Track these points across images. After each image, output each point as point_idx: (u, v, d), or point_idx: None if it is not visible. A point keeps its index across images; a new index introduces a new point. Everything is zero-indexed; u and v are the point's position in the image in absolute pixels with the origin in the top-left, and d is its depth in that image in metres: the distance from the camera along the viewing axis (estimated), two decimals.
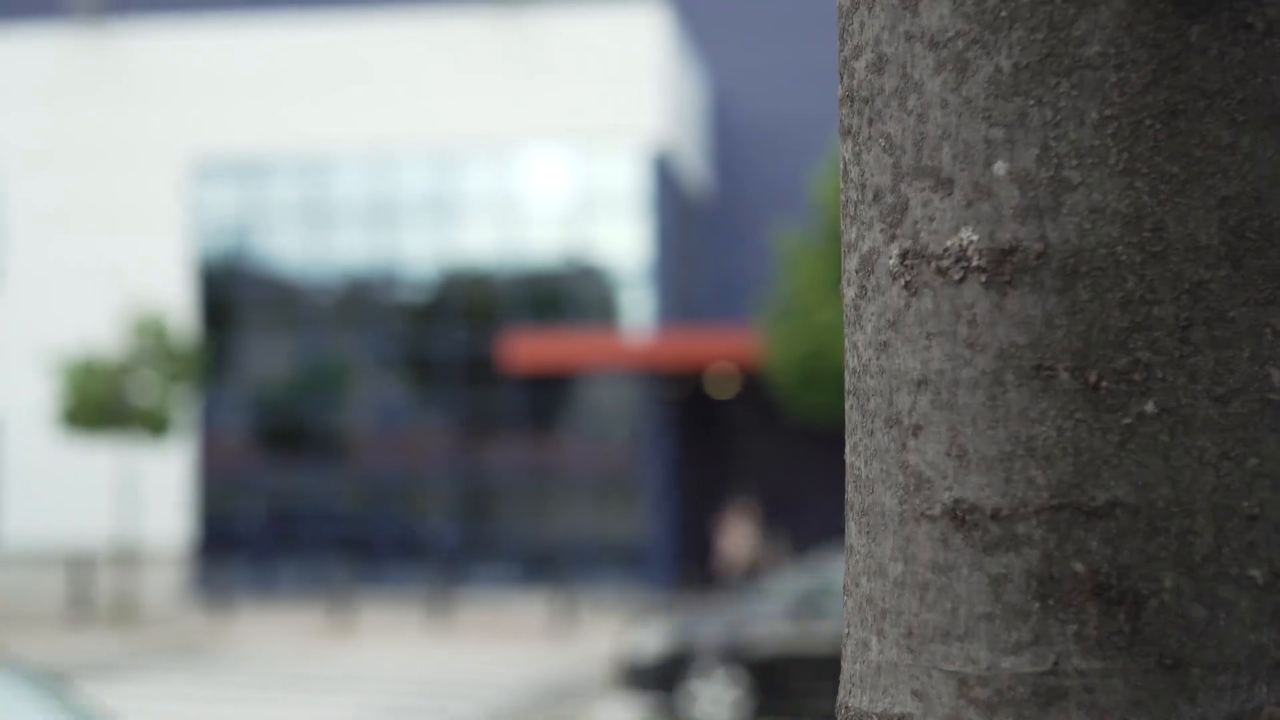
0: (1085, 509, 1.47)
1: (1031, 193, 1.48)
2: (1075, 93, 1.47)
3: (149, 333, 31.95)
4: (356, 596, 35.88)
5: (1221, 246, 1.47)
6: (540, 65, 36.41)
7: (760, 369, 32.79)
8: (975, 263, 1.49)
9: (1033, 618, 1.47)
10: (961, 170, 1.50)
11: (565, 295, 36.65)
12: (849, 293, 1.60)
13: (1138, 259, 1.47)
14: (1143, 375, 1.46)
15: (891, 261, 1.54)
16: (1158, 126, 1.47)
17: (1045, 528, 1.47)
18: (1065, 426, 1.47)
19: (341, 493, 36.95)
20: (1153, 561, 1.46)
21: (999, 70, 1.48)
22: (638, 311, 36.46)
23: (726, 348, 35.03)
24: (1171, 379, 1.47)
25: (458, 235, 36.67)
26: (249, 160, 37.38)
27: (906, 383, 1.53)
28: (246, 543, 36.94)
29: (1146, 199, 1.47)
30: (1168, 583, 1.46)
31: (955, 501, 1.49)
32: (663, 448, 35.85)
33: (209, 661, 24.45)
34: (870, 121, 1.56)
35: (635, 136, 35.95)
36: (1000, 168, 1.48)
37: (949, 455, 1.50)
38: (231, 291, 37.67)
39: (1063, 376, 1.47)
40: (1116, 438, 1.47)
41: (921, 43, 1.52)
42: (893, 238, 1.54)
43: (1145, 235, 1.47)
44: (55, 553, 36.94)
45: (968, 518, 1.49)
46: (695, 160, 40.80)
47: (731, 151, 43.00)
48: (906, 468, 1.52)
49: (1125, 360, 1.46)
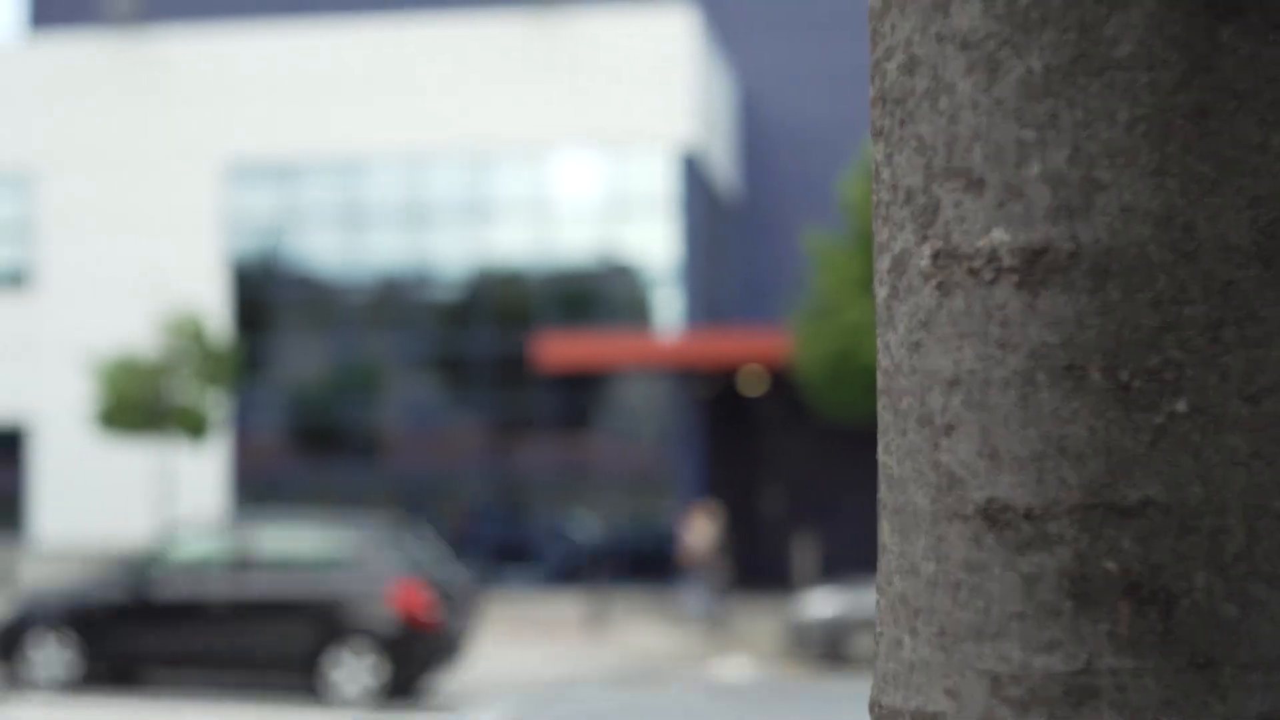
0: (1117, 508, 1.46)
1: (1063, 193, 1.47)
2: (1106, 93, 1.47)
3: (185, 333, 32.05)
4: None
5: (1252, 246, 1.46)
6: (572, 68, 36.43)
7: (790, 369, 32.77)
8: (1007, 263, 1.48)
9: (1065, 617, 1.46)
10: (993, 171, 1.49)
11: (596, 296, 36.67)
12: (881, 293, 1.60)
13: (1169, 259, 1.46)
14: (1174, 375, 1.46)
15: (923, 262, 1.54)
16: (1188, 126, 1.46)
17: (1077, 527, 1.46)
18: (1097, 426, 1.46)
19: (374, 492, 37.02)
20: (1185, 560, 1.46)
21: (1030, 71, 1.48)
22: (668, 312, 36.47)
23: (756, 347, 35.01)
24: (1203, 378, 1.46)
25: (490, 236, 36.72)
26: (284, 163, 37.48)
27: (939, 382, 1.52)
28: None
29: (1177, 199, 1.46)
30: (1200, 582, 1.45)
31: (988, 501, 1.49)
32: (693, 447, 35.85)
33: None
34: (902, 123, 1.56)
35: (665, 138, 35.95)
36: (1032, 168, 1.48)
37: (981, 455, 1.49)
38: (266, 293, 37.77)
39: (1094, 376, 1.46)
40: (1148, 437, 1.46)
41: (953, 44, 1.51)
42: (925, 238, 1.54)
43: (1176, 235, 1.46)
44: (90, 552, 37.08)
45: (1000, 517, 1.48)
46: (724, 161, 40.79)
47: (759, 153, 42.98)
48: (939, 467, 1.52)
49: (1157, 360, 1.46)
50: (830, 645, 23.89)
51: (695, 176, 36.21)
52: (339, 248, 37.36)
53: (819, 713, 19.25)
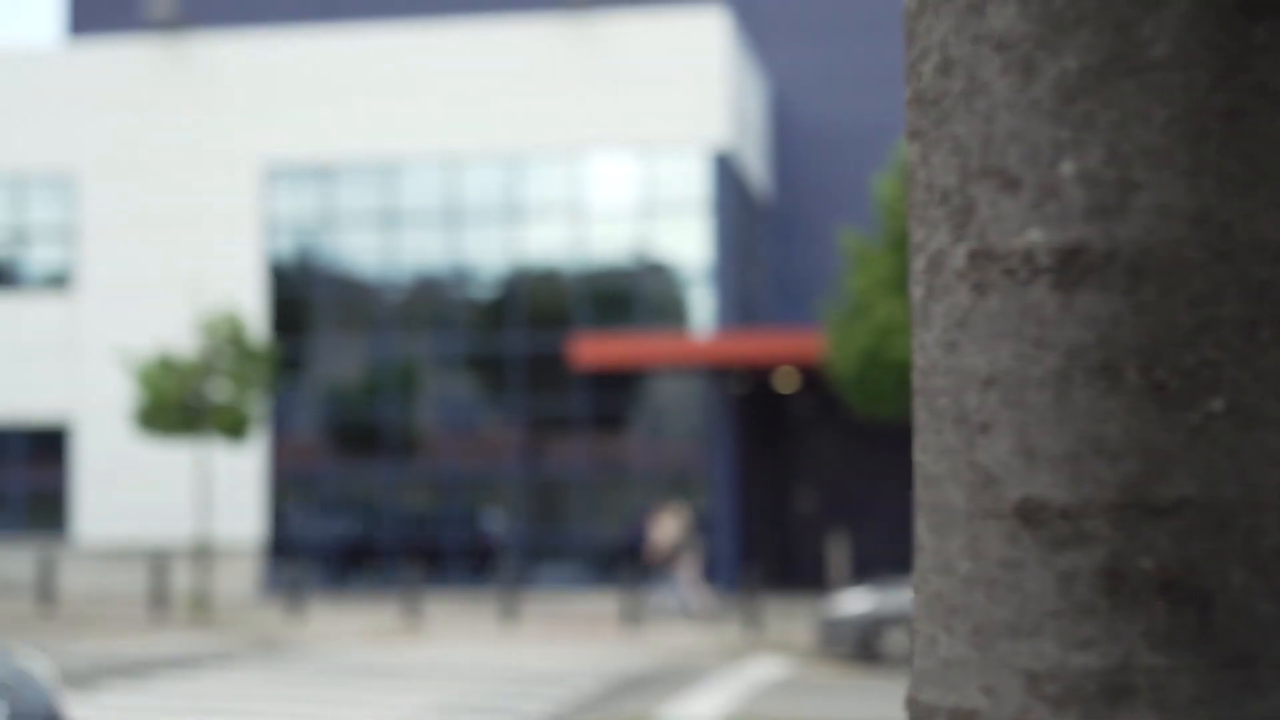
0: (1153, 507, 1.45)
1: (1098, 193, 1.46)
2: (1141, 94, 1.46)
3: (224, 334, 32.15)
4: (426, 594, 35.98)
5: None
6: (606, 71, 36.46)
7: (822, 369, 32.73)
8: (1043, 263, 1.48)
9: (1101, 614, 1.46)
10: (1029, 171, 1.49)
11: (631, 296, 36.68)
12: (917, 292, 1.59)
13: (1204, 258, 1.45)
14: (1210, 374, 1.45)
15: (959, 262, 1.53)
16: (1223, 127, 1.46)
17: (1113, 525, 1.46)
18: (1133, 425, 1.46)
19: (411, 491, 37.09)
20: (1221, 558, 1.45)
21: (1065, 72, 1.47)
22: (701, 312, 36.47)
23: (788, 347, 34.98)
24: (1238, 377, 1.45)
25: (525, 237, 36.76)
26: (322, 165, 37.58)
27: (975, 382, 1.52)
28: (318, 541, 37.15)
29: (1213, 199, 1.45)
30: (1236, 579, 1.45)
31: (1024, 499, 1.48)
32: (726, 446, 35.84)
33: (287, 656, 24.60)
34: (938, 123, 1.56)
35: (699, 140, 35.95)
36: (1067, 168, 1.47)
37: (1017, 453, 1.49)
38: (304, 293, 37.88)
39: (1130, 375, 1.46)
40: (1184, 436, 1.45)
41: (989, 45, 1.51)
42: (961, 238, 1.53)
43: (1212, 235, 1.45)
44: (130, 551, 37.23)
45: (1036, 515, 1.48)
46: (756, 163, 40.76)
47: (790, 154, 42.94)
48: (975, 466, 1.51)
49: (1193, 359, 1.45)
50: (862, 644, 23.89)
51: (728, 178, 36.19)
52: (376, 249, 37.43)
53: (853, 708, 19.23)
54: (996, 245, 1.50)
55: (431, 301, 37.60)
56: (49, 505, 38.39)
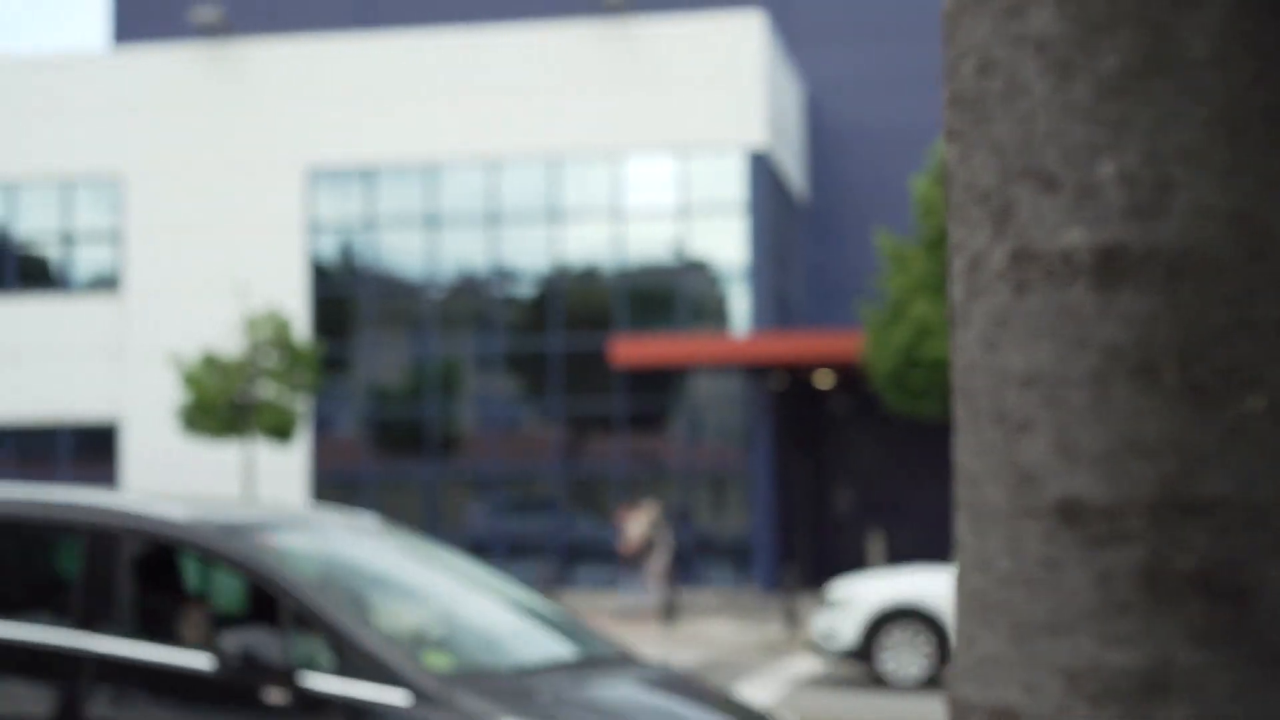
0: (1191, 504, 1.45)
1: (1137, 193, 1.46)
2: (1179, 94, 1.45)
3: (269, 335, 32.23)
4: None
5: None
6: (644, 73, 36.44)
7: (860, 369, 32.68)
8: (1082, 263, 1.47)
9: (1139, 612, 1.45)
10: (1068, 171, 1.48)
11: (669, 296, 36.68)
12: (956, 292, 1.58)
13: (1242, 257, 1.45)
14: (1247, 372, 1.45)
15: (999, 262, 1.53)
16: (1260, 126, 1.45)
17: (1152, 523, 1.45)
18: (1170, 423, 1.45)
19: (452, 490, 37.15)
20: (1258, 555, 1.44)
21: (1104, 72, 1.47)
22: (739, 313, 36.45)
23: (826, 347, 34.92)
24: (1275, 376, 1.45)
25: (565, 238, 36.78)
26: (364, 167, 37.67)
27: (1014, 381, 1.51)
28: None
29: (1250, 198, 1.45)
30: (1273, 576, 1.44)
31: (1063, 498, 1.48)
32: (764, 445, 35.78)
33: None
34: (977, 124, 1.55)
35: (737, 141, 35.92)
36: (1106, 168, 1.47)
37: (1056, 452, 1.48)
38: (346, 294, 37.98)
39: (1168, 374, 1.45)
40: (1221, 434, 1.45)
41: (1028, 46, 1.50)
42: (1000, 238, 1.53)
43: (1249, 234, 1.45)
44: None
45: (1075, 513, 1.47)
46: (793, 164, 40.71)
47: (825, 155, 42.87)
48: (1014, 464, 1.51)
49: (1230, 358, 1.45)
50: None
51: (766, 178, 36.13)
52: (418, 250, 37.49)
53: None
54: (1036, 245, 1.50)
55: (472, 302, 37.67)
56: None
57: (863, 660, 21.06)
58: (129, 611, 7.14)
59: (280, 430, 32.39)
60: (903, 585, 21.45)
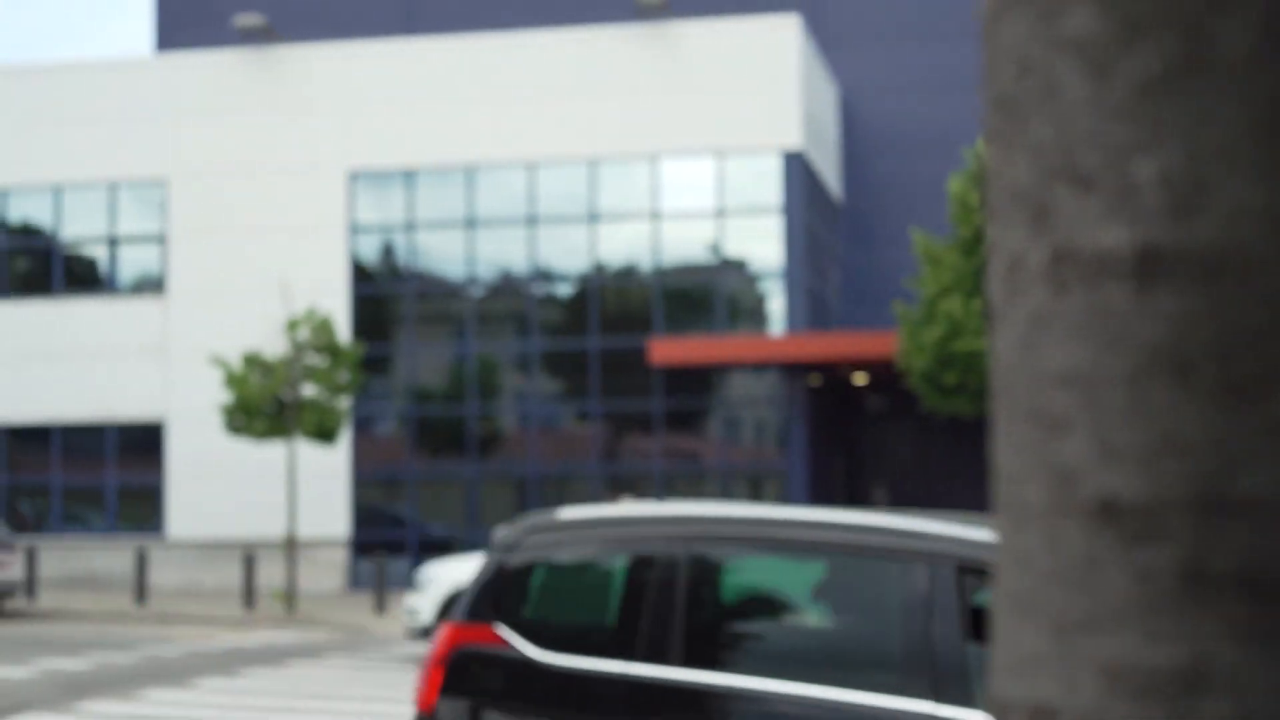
0: (1230, 502, 1.44)
1: (1175, 193, 1.45)
2: (1217, 93, 1.44)
3: (311, 336, 32.32)
4: None
5: None
6: (682, 76, 36.45)
7: (896, 369, 32.62)
8: (1120, 262, 1.47)
9: (1178, 609, 1.44)
10: (1106, 171, 1.47)
11: (706, 298, 36.69)
12: (996, 292, 1.58)
13: (1279, 256, 1.44)
14: None
15: (1038, 262, 1.52)
16: None
17: (1191, 521, 1.44)
18: (1209, 422, 1.44)
19: (491, 490, 37.21)
20: None
21: (1142, 72, 1.46)
22: (776, 313, 36.43)
23: (861, 346, 34.88)
24: None
25: (603, 240, 36.81)
26: (405, 170, 37.75)
27: (1053, 380, 1.51)
28: (401, 538, 37.32)
29: None
30: None
31: (1102, 496, 1.47)
32: (801, 444, 35.77)
33: (382, 650, 24.73)
34: (1016, 124, 1.54)
35: (774, 144, 35.90)
36: (1144, 168, 1.46)
37: (1095, 450, 1.47)
38: (387, 295, 38.08)
39: (1206, 373, 1.44)
40: (1259, 432, 1.44)
41: (1066, 47, 1.49)
42: (1039, 238, 1.52)
43: None
44: (220, 546, 37.53)
45: (1114, 511, 1.47)
46: (829, 166, 40.67)
47: (860, 157, 42.80)
48: (1054, 463, 1.50)
49: (1267, 357, 1.44)
50: None
51: (802, 181, 36.10)
52: (457, 251, 37.57)
53: None
54: (1075, 245, 1.49)
55: (511, 302, 37.74)
56: (142, 502, 38.80)
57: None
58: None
59: (324, 431, 32.48)
60: (476, 566, 22.08)
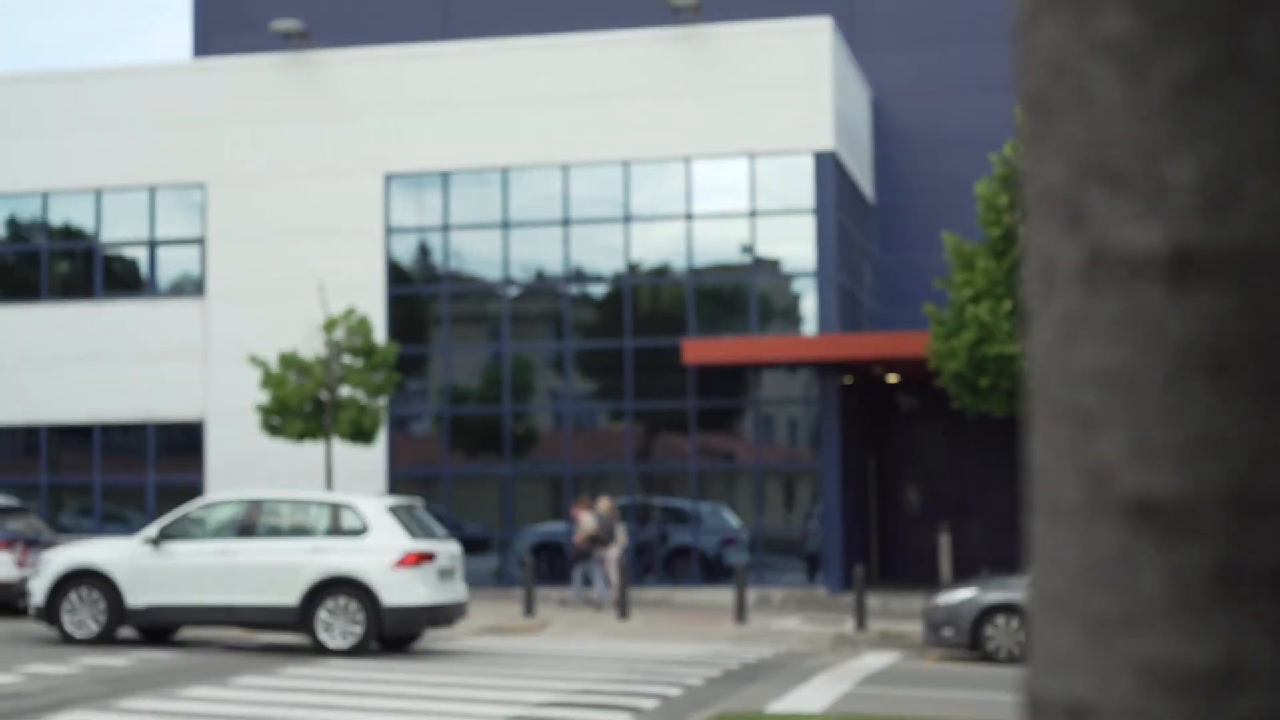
0: (1265, 501, 1.43)
1: (1210, 192, 1.44)
2: (1252, 93, 1.44)
3: (348, 337, 32.42)
4: (542, 590, 36.14)
5: None
6: (715, 79, 36.46)
7: (927, 369, 32.59)
8: (1155, 262, 1.46)
9: (1215, 607, 1.44)
10: (1141, 171, 1.47)
11: (739, 299, 36.70)
12: (1030, 291, 1.57)
13: None
14: None
15: (1073, 262, 1.51)
16: None
17: (1227, 519, 1.44)
18: (1244, 420, 1.44)
19: (527, 489, 37.27)
20: None
21: (1177, 72, 1.45)
22: (809, 314, 36.45)
23: (893, 347, 34.85)
24: None
25: (636, 242, 36.85)
26: (440, 173, 37.85)
27: (1088, 379, 1.50)
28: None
29: None
30: None
31: (1137, 494, 1.46)
32: (833, 444, 35.72)
33: (422, 648, 24.79)
34: (1050, 125, 1.54)
35: (807, 146, 35.90)
36: (1179, 168, 1.45)
37: (1131, 449, 1.47)
38: (423, 297, 38.19)
39: (1241, 371, 1.44)
40: None
41: (1101, 46, 1.48)
42: (1074, 238, 1.51)
43: None
44: None
45: (1150, 510, 1.46)
46: (861, 168, 40.65)
47: (891, 159, 42.75)
48: (1088, 461, 1.49)
49: None
50: (969, 637, 23.84)
51: (835, 183, 36.08)
52: (493, 253, 37.65)
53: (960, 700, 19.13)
54: (1109, 245, 1.48)
55: (546, 303, 37.82)
56: (182, 500, 38.95)
57: (49, 619, 23.45)
58: None
59: (361, 431, 32.59)
60: (81, 552, 23.97)
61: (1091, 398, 1.49)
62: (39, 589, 23.65)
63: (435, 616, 23.68)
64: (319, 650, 22.94)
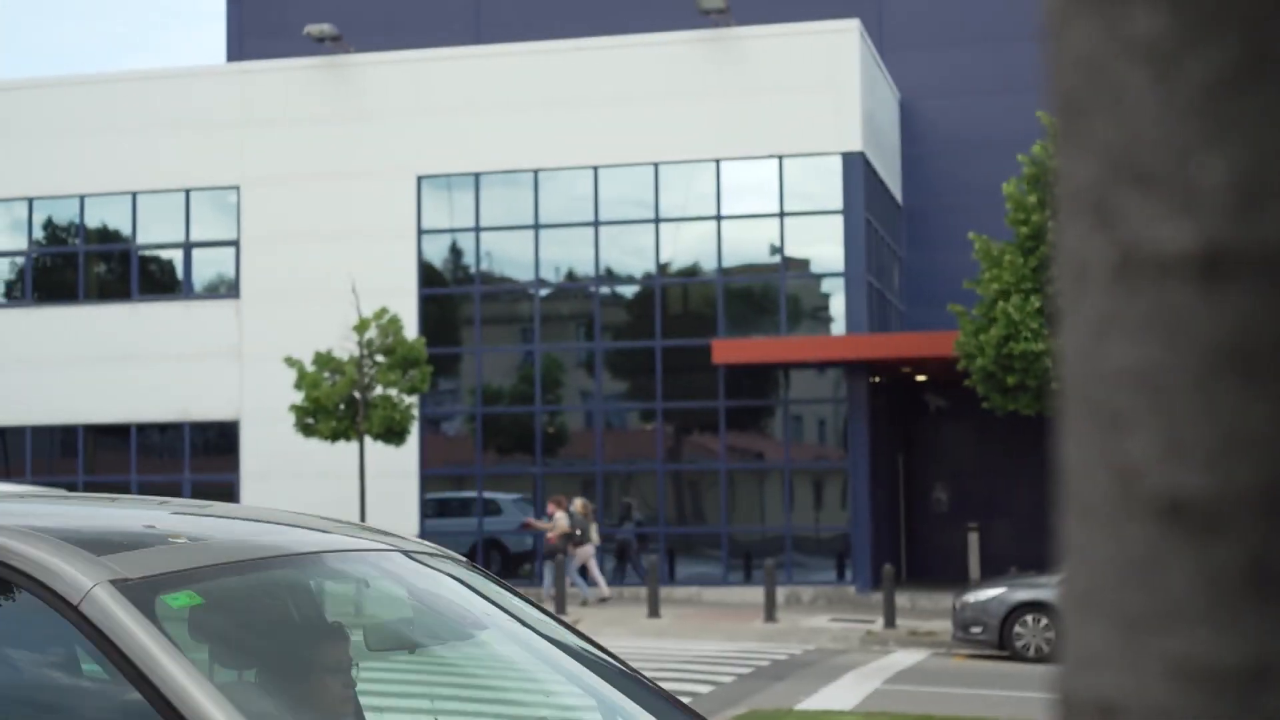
0: None
1: (1241, 191, 1.43)
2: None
3: (381, 338, 32.50)
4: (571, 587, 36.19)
5: None
6: (743, 81, 36.46)
7: (956, 369, 32.55)
8: (1187, 261, 1.45)
9: (1246, 606, 1.43)
10: (1172, 170, 1.46)
11: (768, 299, 36.70)
12: (1060, 291, 1.56)
13: None
14: None
15: (1104, 262, 1.50)
16: None
17: (1257, 518, 1.43)
18: (1274, 420, 1.43)
19: (558, 488, 37.32)
20: None
21: (1210, 71, 1.44)
22: (838, 314, 36.43)
23: (922, 347, 34.82)
24: None
25: (665, 243, 36.88)
26: (471, 175, 37.93)
27: (1119, 379, 1.49)
28: (466, 537, 37.48)
29: None
30: None
31: (1168, 493, 1.46)
32: (862, 444, 35.68)
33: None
34: (1081, 124, 1.53)
35: (835, 147, 35.89)
36: (1210, 168, 1.44)
37: (1161, 448, 1.46)
38: (454, 298, 38.27)
39: (1273, 370, 1.43)
40: None
41: (1132, 45, 1.47)
42: (1105, 239, 1.50)
43: None
44: None
45: (1180, 509, 1.45)
46: (889, 169, 40.60)
47: (918, 159, 42.69)
48: (1119, 460, 1.49)
49: None
50: (998, 635, 23.83)
51: (863, 184, 36.04)
52: (523, 255, 37.72)
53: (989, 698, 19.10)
54: (1140, 245, 1.48)
55: (577, 304, 37.87)
56: (217, 499, 39.10)
57: None
58: None
59: (394, 430, 32.68)
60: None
61: (1122, 397, 1.49)
62: None
63: None
64: None
